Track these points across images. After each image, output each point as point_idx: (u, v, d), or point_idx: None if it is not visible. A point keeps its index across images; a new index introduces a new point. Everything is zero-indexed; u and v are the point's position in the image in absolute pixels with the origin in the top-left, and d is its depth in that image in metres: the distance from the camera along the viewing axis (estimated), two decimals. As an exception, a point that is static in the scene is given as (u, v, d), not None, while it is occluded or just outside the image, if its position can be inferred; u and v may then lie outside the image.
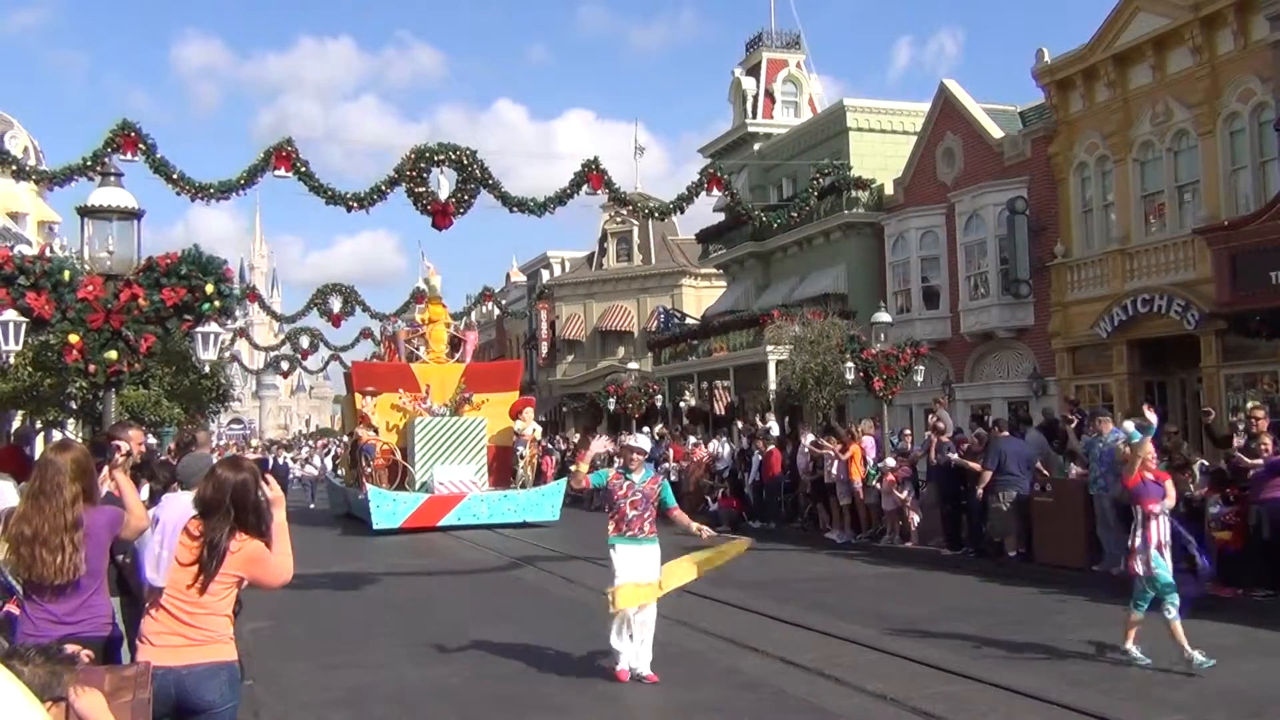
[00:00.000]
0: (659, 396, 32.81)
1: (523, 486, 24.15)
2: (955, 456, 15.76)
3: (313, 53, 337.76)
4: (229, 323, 22.49)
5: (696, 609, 11.15)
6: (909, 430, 20.49)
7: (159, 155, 13.02)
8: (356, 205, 14.46)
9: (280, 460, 36.02)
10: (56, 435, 24.76)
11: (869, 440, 18.17)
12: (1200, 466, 13.30)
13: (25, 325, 10.91)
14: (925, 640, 9.78)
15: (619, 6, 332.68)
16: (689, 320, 40.83)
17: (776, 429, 21.85)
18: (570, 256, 53.16)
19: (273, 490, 4.67)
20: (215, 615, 4.46)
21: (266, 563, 4.52)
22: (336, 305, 33.78)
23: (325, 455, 37.53)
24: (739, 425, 25.43)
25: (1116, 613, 11.12)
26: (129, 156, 12.67)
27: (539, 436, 26.57)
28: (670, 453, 24.81)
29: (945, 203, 26.85)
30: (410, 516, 22.22)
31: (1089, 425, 14.59)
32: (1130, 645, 8.74)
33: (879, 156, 30.32)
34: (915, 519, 16.81)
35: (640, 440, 9.20)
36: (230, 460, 4.81)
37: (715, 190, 16.45)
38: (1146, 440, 9.02)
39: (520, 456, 24.76)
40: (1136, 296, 20.98)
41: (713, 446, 23.61)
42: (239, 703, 4.65)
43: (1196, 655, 8.21)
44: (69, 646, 4.08)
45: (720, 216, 36.37)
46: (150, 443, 12.64)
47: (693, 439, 25.48)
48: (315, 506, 31.49)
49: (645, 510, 8.46)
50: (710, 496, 21.97)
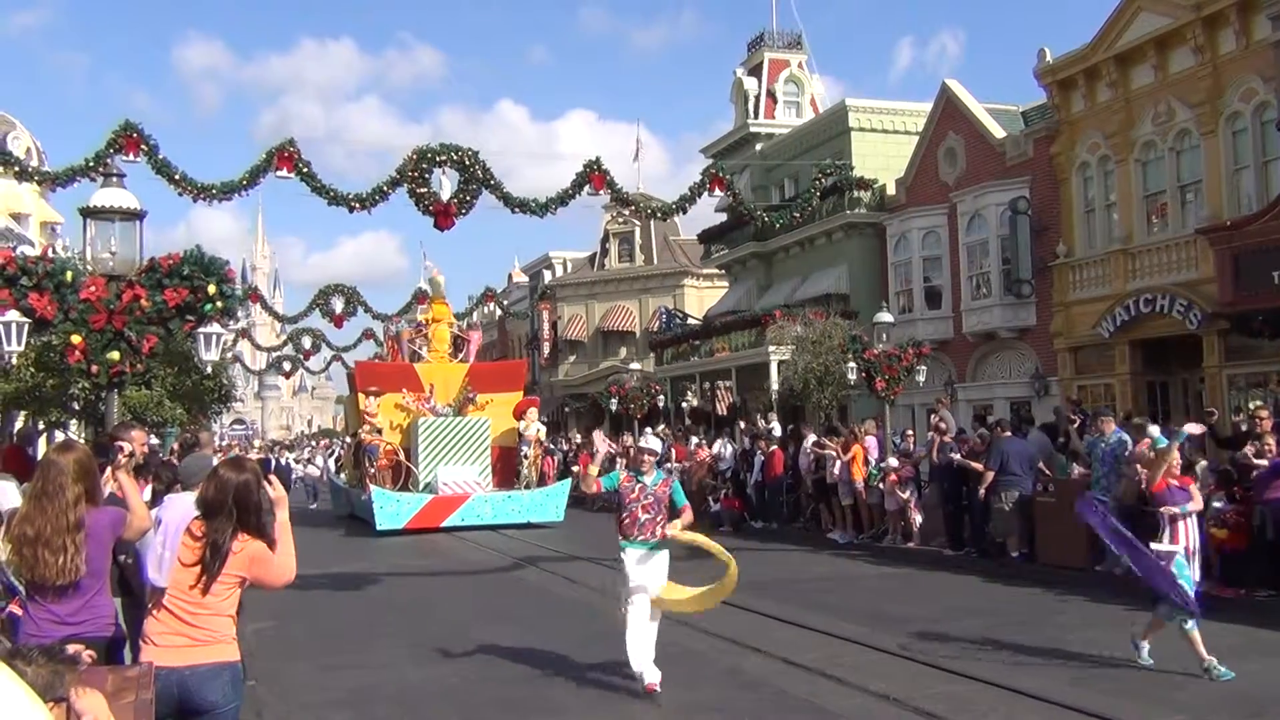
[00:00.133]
0: (661, 397, 32.80)
1: (526, 487, 24.12)
2: (957, 457, 15.76)
3: (314, 54, 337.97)
4: (231, 323, 22.50)
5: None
6: (911, 430, 20.49)
7: (161, 156, 13.04)
8: (358, 206, 14.47)
9: (283, 461, 36.04)
10: (59, 436, 24.80)
11: (871, 440, 18.16)
12: (1211, 463, 13.28)
13: (28, 326, 10.93)
14: (927, 640, 9.78)
15: (620, 7, 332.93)
16: (691, 320, 40.84)
17: (778, 429, 21.84)
18: (572, 257, 53.18)
19: (275, 490, 4.67)
20: (218, 616, 4.46)
21: (269, 563, 4.52)
22: (338, 306, 33.84)
23: (329, 456, 37.49)
24: (741, 425, 25.42)
25: (1118, 613, 11.16)
26: (131, 157, 12.70)
27: (543, 437, 26.55)
28: (673, 453, 24.79)
29: (947, 203, 26.85)
30: (414, 517, 22.13)
31: (1091, 425, 14.58)
32: (1143, 644, 8.63)
33: (881, 156, 30.33)
34: (917, 519, 16.80)
35: (652, 442, 9.04)
36: (233, 461, 4.81)
37: (717, 190, 16.45)
38: (1174, 446, 8.98)
39: (524, 457, 24.75)
40: (1139, 296, 20.97)
41: (717, 447, 23.61)
42: (242, 703, 4.65)
43: (1215, 664, 8.16)
44: (71, 647, 4.08)
45: (722, 217, 36.38)
46: (153, 443, 12.66)
47: (695, 439, 25.47)
48: (316, 507, 31.40)
49: (657, 514, 8.32)
50: (713, 497, 21.96)
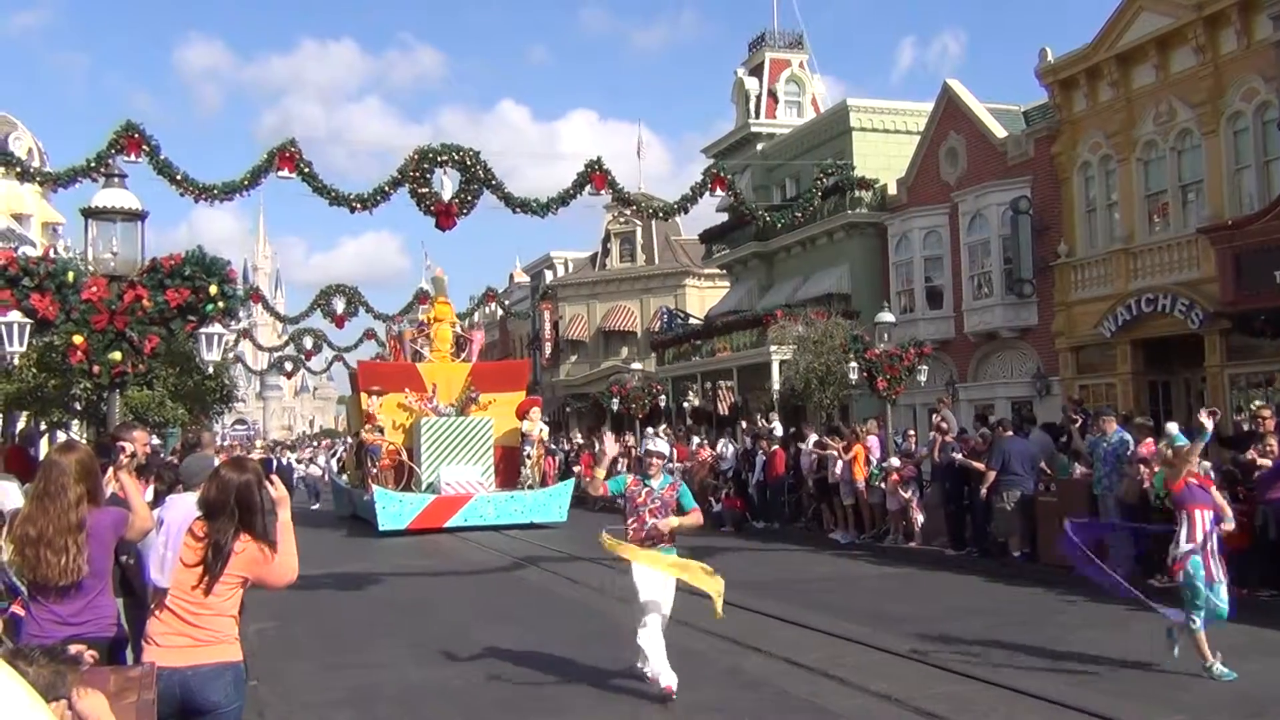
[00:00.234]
0: (662, 397, 32.80)
1: (530, 487, 24.05)
2: (959, 456, 15.75)
3: (315, 54, 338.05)
4: (233, 324, 22.50)
5: (698, 608, 11.13)
6: (913, 430, 20.50)
7: (163, 156, 13.05)
8: (360, 206, 14.48)
9: (284, 461, 36.01)
10: (61, 436, 24.82)
11: (873, 440, 18.16)
12: (1214, 463, 13.23)
13: (30, 326, 10.95)
14: (929, 640, 9.77)
15: (620, 7, 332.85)
16: (692, 320, 40.84)
17: (780, 429, 21.84)
18: (573, 257, 53.16)
19: (277, 490, 4.68)
20: (220, 616, 4.47)
21: (271, 563, 4.52)
22: (340, 306, 33.86)
23: (331, 456, 37.46)
24: (743, 425, 25.42)
25: (1119, 613, 11.15)
26: (133, 158, 12.71)
27: (545, 437, 26.49)
28: (674, 453, 24.77)
29: (948, 202, 26.84)
30: (417, 518, 22.04)
31: (1092, 425, 14.57)
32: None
33: (882, 156, 30.32)
34: (919, 519, 16.80)
35: (660, 444, 8.90)
36: (234, 461, 4.82)
37: (719, 190, 16.46)
38: (1197, 445, 8.68)
39: (527, 457, 24.67)
40: (1140, 296, 20.95)
41: (720, 447, 23.61)
42: (244, 703, 4.66)
43: (1218, 665, 8.13)
44: (73, 647, 4.09)
45: (723, 217, 36.37)
46: (154, 443, 12.67)
47: (697, 439, 25.47)
48: (319, 508, 31.30)
49: (665, 517, 8.18)
50: (714, 497, 21.96)
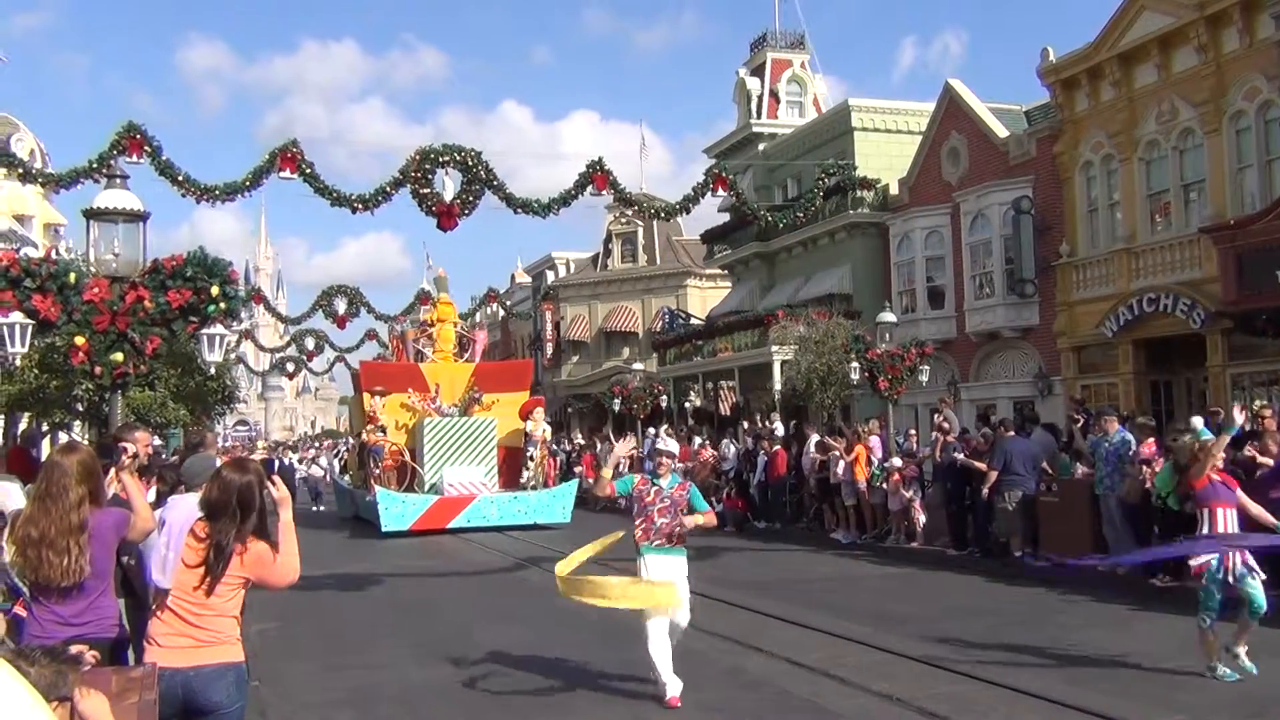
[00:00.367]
0: (664, 397, 32.80)
1: (533, 488, 23.95)
2: (961, 456, 15.75)
3: (317, 55, 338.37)
4: (234, 324, 22.48)
5: (700, 609, 11.12)
6: (914, 430, 20.50)
7: (164, 157, 13.05)
8: (361, 207, 14.47)
9: (286, 461, 35.98)
10: (63, 437, 24.85)
11: (874, 440, 18.16)
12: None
13: (31, 327, 10.97)
14: (930, 640, 9.77)
15: (622, 8, 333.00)
16: (694, 321, 40.82)
17: (781, 429, 21.84)
18: (575, 257, 53.15)
19: (279, 491, 4.68)
20: (222, 617, 4.47)
21: (273, 564, 4.53)
22: (341, 307, 33.81)
23: (334, 456, 37.46)
24: (744, 426, 25.42)
25: (1121, 612, 11.17)
26: (135, 159, 12.70)
27: (549, 438, 26.41)
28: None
29: (950, 202, 26.83)
30: (419, 519, 21.93)
31: (1094, 425, 14.57)
32: (1240, 652, 8.11)
33: (884, 156, 30.33)
34: (921, 519, 16.80)
35: (669, 444, 8.78)
36: (236, 462, 4.82)
37: (720, 190, 16.43)
38: (1223, 439, 8.48)
39: (530, 458, 24.59)
40: (1142, 296, 20.95)
41: (722, 447, 23.61)
42: (246, 704, 4.66)
43: (1220, 666, 8.11)
44: (74, 648, 4.10)
45: (725, 217, 36.37)
46: (156, 444, 12.68)
47: (698, 439, 25.46)
48: (323, 509, 31.24)
49: (674, 518, 8.07)
50: (716, 497, 21.96)
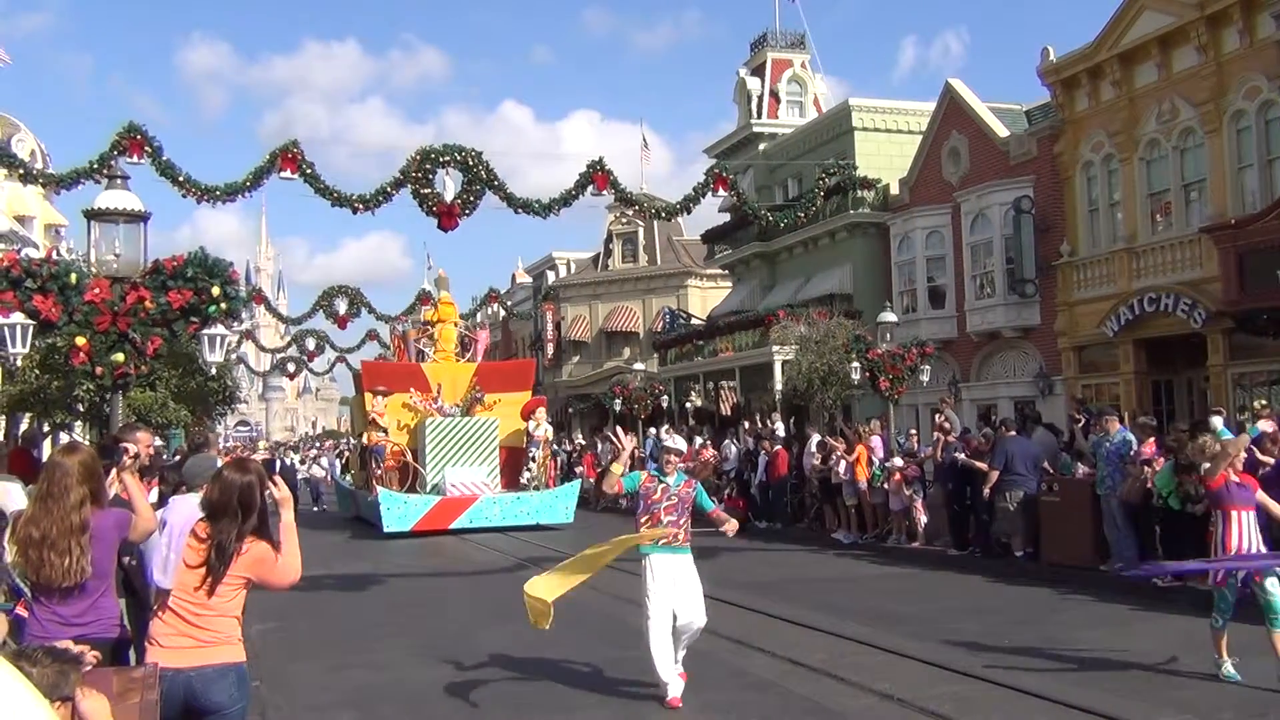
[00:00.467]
0: (665, 397, 32.79)
1: (536, 488, 23.87)
2: (962, 456, 15.73)
3: (318, 56, 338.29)
4: (235, 325, 22.52)
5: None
6: (915, 430, 20.48)
7: (165, 158, 13.03)
8: (362, 207, 14.45)
9: (288, 462, 35.97)
10: (64, 438, 24.83)
11: (876, 440, 18.14)
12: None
13: (32, 328, 10.99)
14: (932, 640, 9.76)
15: (623, 8, 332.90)
16: (694, 321, 40.83)
17: (782, 429, 21.83)
18: (576, 257, 53.15)
19: (280, 491, 4.67)
20: (224, 617, 4.47)
21: (274, 564, 4.52)
22: (342, 307, 33.81)
23: (336, 456, 37.45)
24: (745, 426, 25.42)
25: (1123, 612, 11.16)
26: (135, 159, 12.68)
27: (551, 438, 26.34)
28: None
29: (951, 202, 26.82)
30: (421, 519, 21.83)
31: (1095, 425, 14.56)
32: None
33: (884, 156, 30.33)
34: (922, 519, 16.79)
35: (677, 442, 8.62)
36: (237, 462, 4.81)
37: (721, 190, 16.41)
38: (1242, 439, 8.22)
39: (532, 459, 24.52)
40: (1143, 295, 20.94)
41: (724, 446, 23.59)
42: (248, 704, 4.65)
43: (1228, 666, 8.08)
44: (76, 647, 4.09)
45: (725, 217, 36.36)
46: (157, 444, 12.67)
47: (700, 439, 25.44)
48: (325, 509, 31.23)
49: (680, 517, 7.89)
50: (717, 497, 21.96)
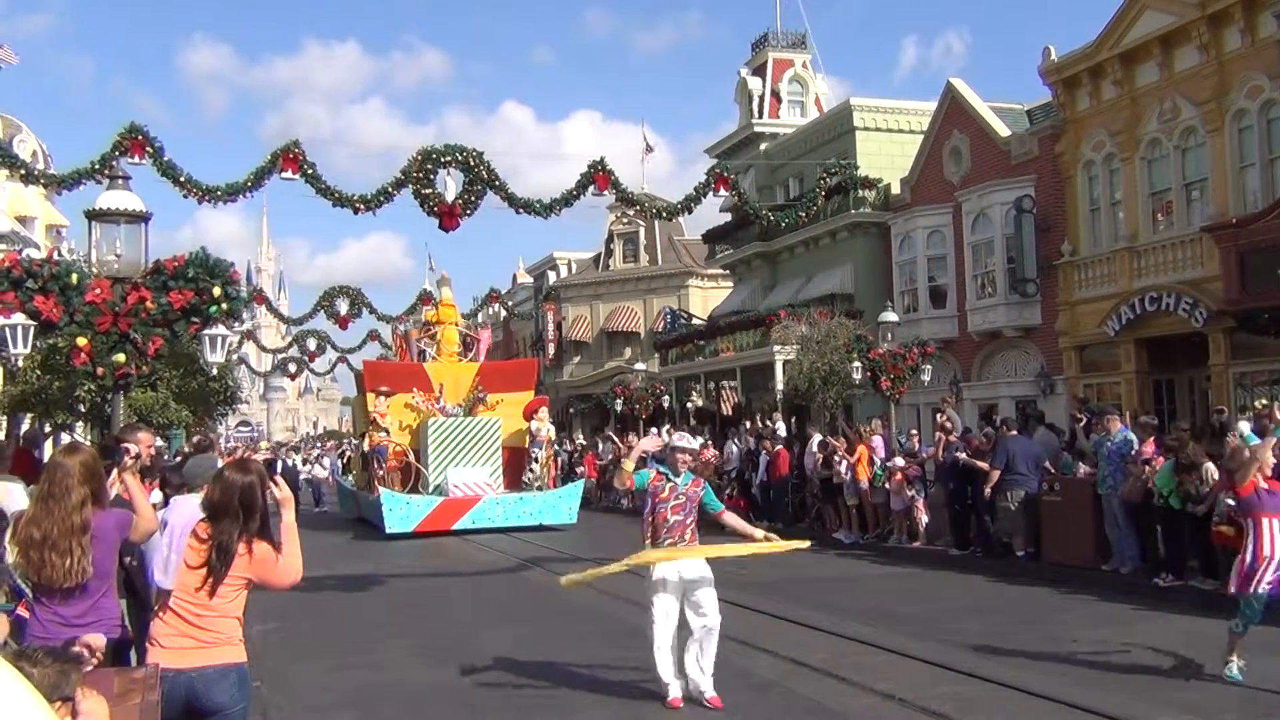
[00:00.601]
0: (666, 397, 32.78)
1: (539, 489, 23.76)
2: (963, 456, 15.71)
3: (319, 56, 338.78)
4: (236, 325, 22.54)
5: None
6: (916, 430, 20.47)
7: (166, 158, 13.02)
8: (363, 207, 14.44)
9: (290, 462, 35.96)
10: (65, 438, 24.82)
11: (877, 440, 18.14)
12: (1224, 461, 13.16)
13: (34, 328, 10.99)
14: (933, 640, 9.76)
15: (624, 9, 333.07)
16: (695, 321, 40.82)
17: (784, 429, 21.82)
18: (577, 258, 53.13)
19: (281, 491, 4.67)
20: (225, 618, 4.46)
21: (275, 565, 4.51)
22: (343, 307, 33.77)
23: (338, 457, 37.43)
24: (746, 425, 25.41)
25: (1125, 612, 11.15)
26: (136, 160, 12.67)
27: (553, 438, 26.24)
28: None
29: (952, 202, 26.80)
30: (424, 520, 21.71)
31: (1096, 424, 14.56)
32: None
33: (885, 156, 30.32)
34: (923, 519, 16.77)
35: (687, 441, 8.52)
36: (238, 462, 4.81)
37: (722, 190, 16.40)
38: (1270, 443, 8.13)
39: (535, 459, 24.45)
40: (1144, 295, 20.93)
41: (727, 447, 23.58)
42: (249, 705, 4.65)
43: (1234, 667, 8.03)
44: (77, 646, 4.09)
45: (727, 217, 36.35)
46: (159, 445, 12.66)
47: (701, 439, 25.41)
48: (327, 510, 31.20)
49: (688, 516, 7.81)
50: (718, 497, 21.93)
